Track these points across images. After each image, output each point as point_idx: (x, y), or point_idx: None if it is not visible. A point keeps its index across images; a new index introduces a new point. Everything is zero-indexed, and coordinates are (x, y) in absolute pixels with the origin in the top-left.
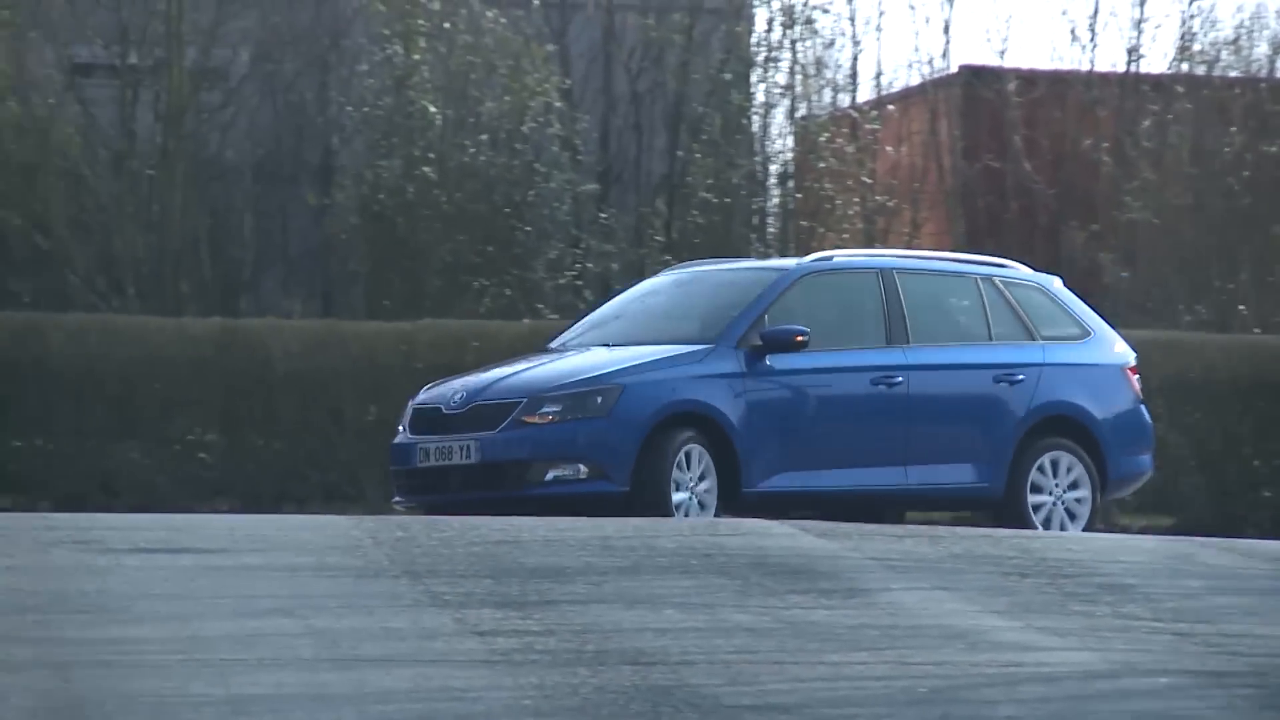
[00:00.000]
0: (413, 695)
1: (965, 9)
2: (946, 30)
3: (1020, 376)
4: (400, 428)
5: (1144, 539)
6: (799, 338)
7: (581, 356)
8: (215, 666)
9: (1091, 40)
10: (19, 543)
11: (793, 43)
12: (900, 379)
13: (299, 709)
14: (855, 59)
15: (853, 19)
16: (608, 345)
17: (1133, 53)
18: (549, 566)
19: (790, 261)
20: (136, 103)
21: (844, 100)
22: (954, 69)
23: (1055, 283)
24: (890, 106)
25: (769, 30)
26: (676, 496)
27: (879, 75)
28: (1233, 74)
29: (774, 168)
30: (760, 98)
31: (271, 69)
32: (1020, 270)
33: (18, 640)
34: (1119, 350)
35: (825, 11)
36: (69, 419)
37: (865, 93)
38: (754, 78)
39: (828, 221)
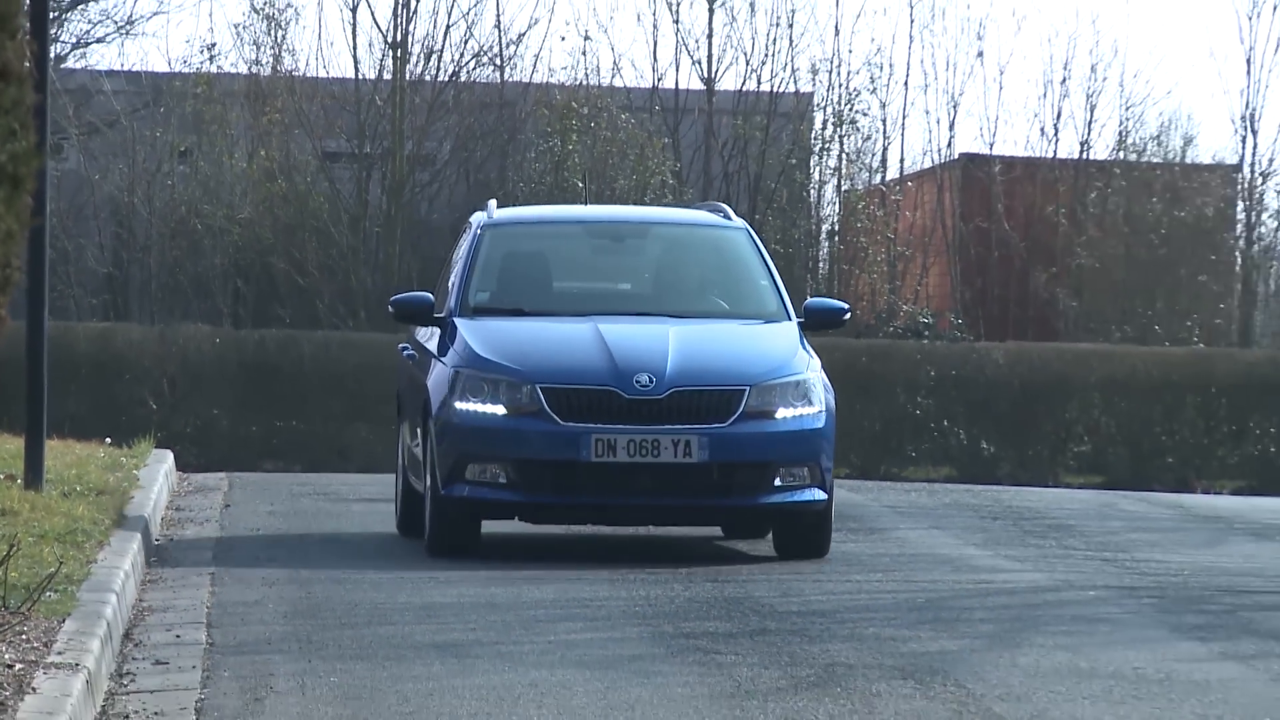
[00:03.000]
0: (556, 603)
1: (965, 113)
2: (951, 128)
3: None
4: (482, 405)
5: (1080, 492)
6: (845, 315)
7: (700, 329)
8: (415, 583)
9: (1055, 135)
10: (278, 494)
11: (840, 137)
12: None
13: (474, 613)
14: (885, 148)
15: (884, 120)
16: (602, 315)
17: (1084, 145)
18: None
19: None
20: (369, 180)
21: (876, 178)
22: (956, 155)
23: None
24: (909, 183)
25: (824, 128)
26: None
27: (902, 160)
28: (1155, 160)
29: (825, 227)
30: (816, 176)
31: (466, 155)
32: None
33: (275, 564)
34: None
35: (865, 114)
36: (316, 406)
37: (892, 172)
38: (812, 162)
39: (862, 265)
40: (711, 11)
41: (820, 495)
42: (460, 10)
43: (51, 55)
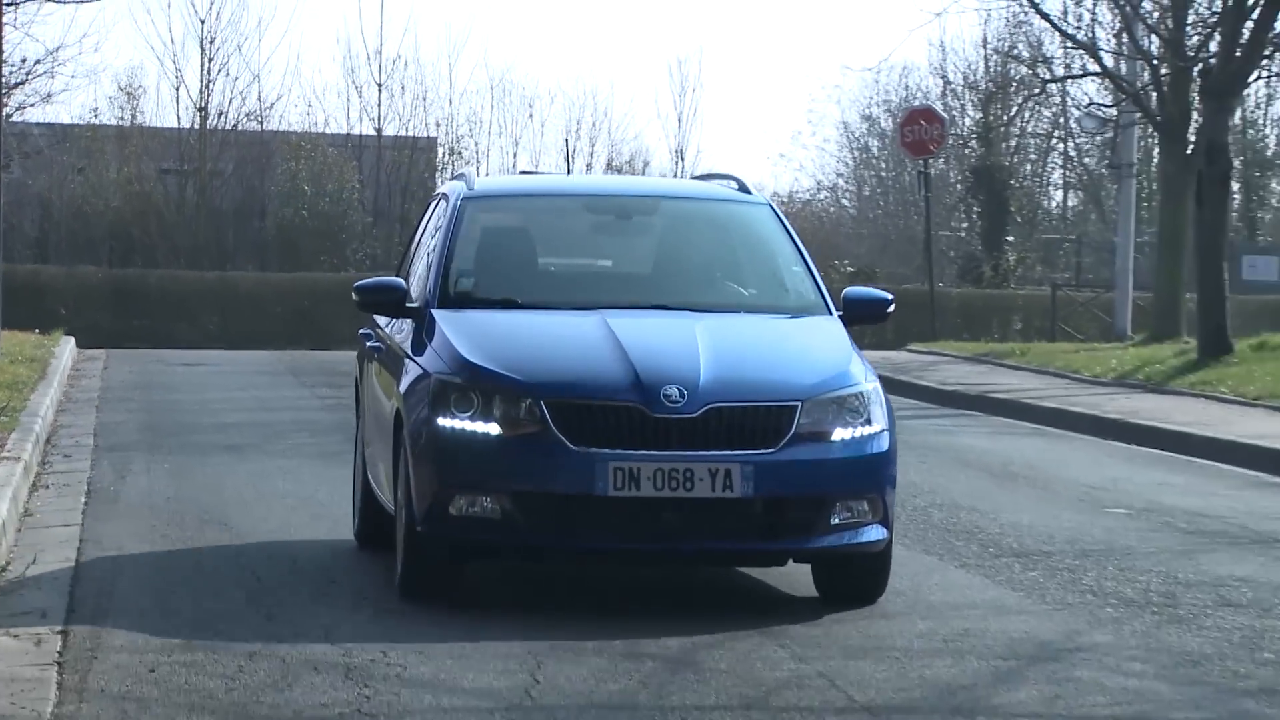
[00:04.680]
0: (294, 423)
1: (522, 148)
2: (515, 156)
3: None
4: (471, 422)
5: None
6: (890, 308)
7: (714, 323)
8: (213, 412)
9: (571, 161)
10: (136, 361)
11: (453, 163)
12: None
13: (249, 428)
14: (479, 168)
15: (477, 153)
16: (599, 308)
17: (588, 166)
18: None
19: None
20: (187, 185)
21: None
22: (518, 173)
23: None
24: None
25: (444, 158)
26: None
27: (488, 175)
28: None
29: None
30: (439, 186)
31: (241, 171)
32: None
33: (132, 402)
34: None
35: (466, 149)
36: (159, 314)
37: None
38: (438, 178)
39: None
40: (379, 92)
41: (883, 534)
42: (239, 90)
43: (2, 115)
